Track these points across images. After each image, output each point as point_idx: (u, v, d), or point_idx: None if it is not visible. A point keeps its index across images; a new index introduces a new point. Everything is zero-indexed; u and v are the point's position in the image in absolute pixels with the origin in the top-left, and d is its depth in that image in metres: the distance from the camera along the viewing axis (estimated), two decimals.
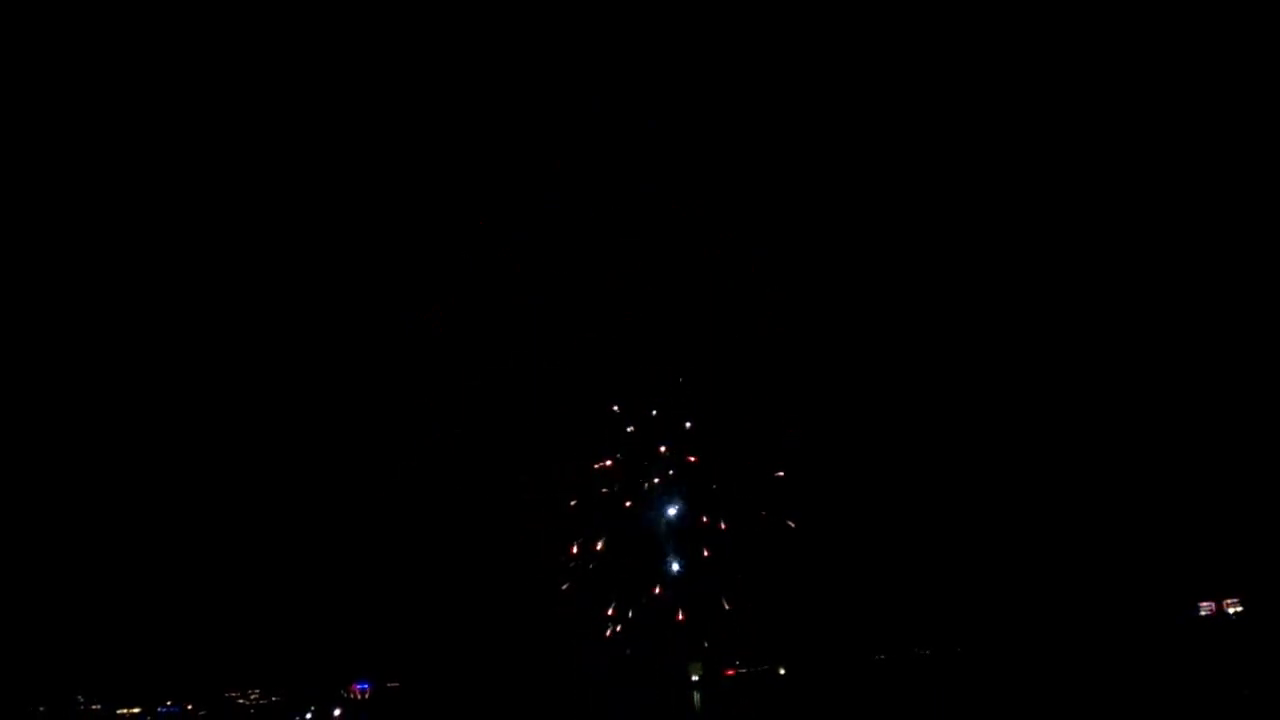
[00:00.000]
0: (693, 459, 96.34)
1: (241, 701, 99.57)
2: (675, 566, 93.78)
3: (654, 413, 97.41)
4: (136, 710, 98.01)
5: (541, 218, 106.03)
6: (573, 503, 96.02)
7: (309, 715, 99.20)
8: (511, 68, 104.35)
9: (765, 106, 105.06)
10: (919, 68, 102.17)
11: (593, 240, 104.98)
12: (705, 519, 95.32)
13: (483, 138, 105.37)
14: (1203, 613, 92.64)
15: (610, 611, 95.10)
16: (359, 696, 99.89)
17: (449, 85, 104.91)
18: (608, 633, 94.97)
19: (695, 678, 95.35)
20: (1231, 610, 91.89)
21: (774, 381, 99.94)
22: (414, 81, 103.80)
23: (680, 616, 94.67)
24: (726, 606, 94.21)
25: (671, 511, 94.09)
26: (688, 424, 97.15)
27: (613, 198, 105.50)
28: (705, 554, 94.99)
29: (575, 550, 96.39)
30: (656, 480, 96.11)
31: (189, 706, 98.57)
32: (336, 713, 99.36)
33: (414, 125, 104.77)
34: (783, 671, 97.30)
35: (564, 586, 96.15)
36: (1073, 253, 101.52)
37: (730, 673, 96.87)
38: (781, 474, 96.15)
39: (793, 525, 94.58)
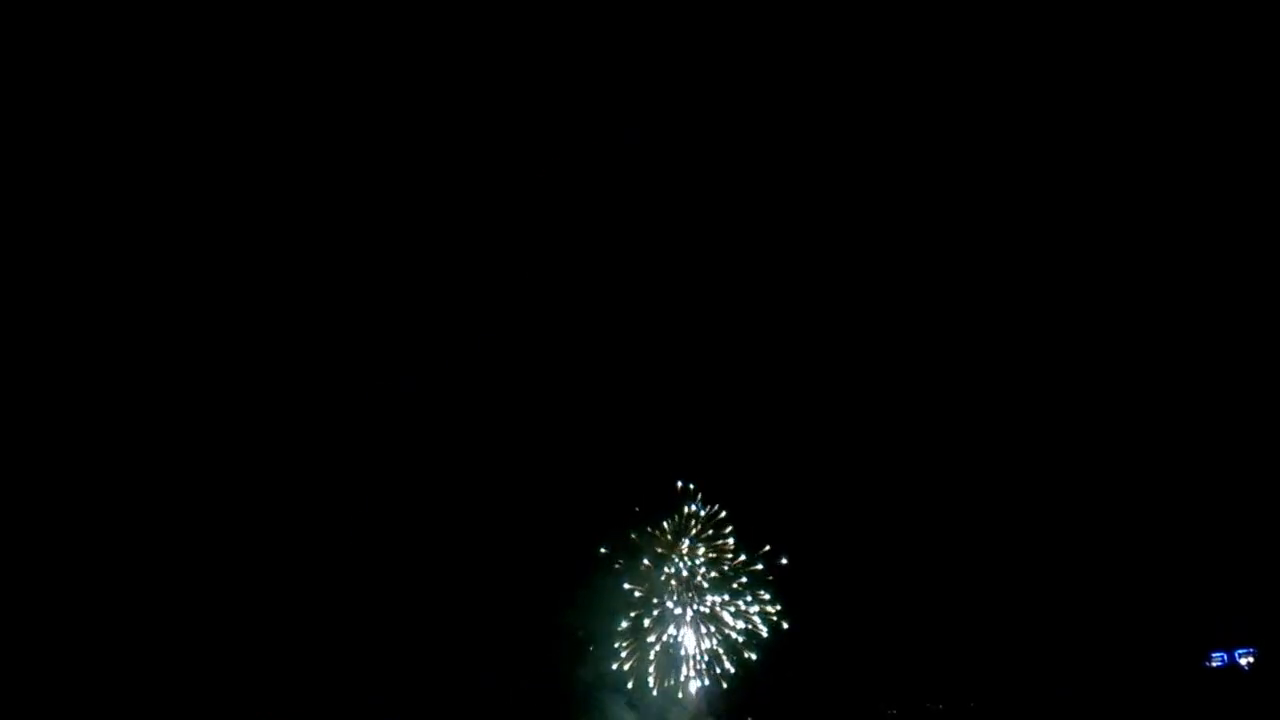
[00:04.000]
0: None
1: None
2: (691, 641, 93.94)
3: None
4: None
5: (542, 217, 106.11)
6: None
7: None
8: (512, 71, 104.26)
9: (765, 108, 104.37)
10: (918, 73, 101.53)
11: (592, 240, 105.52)
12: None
13: (482, 138, 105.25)
14: (1215, 663, 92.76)
15: (626, 665, 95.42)
16: None
17: (452, 90, 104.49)
18: (626, 685, 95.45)
19: None
20: (1244, 661, 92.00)
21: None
22: (417, 86, 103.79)
23: (694, 672, 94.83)
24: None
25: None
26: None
27: (612, 198, 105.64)
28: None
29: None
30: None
31: None
32: None
33: (414, 128, 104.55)
34: None
35: (580, 643, 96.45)
36: (1080, 266, 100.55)
37: None
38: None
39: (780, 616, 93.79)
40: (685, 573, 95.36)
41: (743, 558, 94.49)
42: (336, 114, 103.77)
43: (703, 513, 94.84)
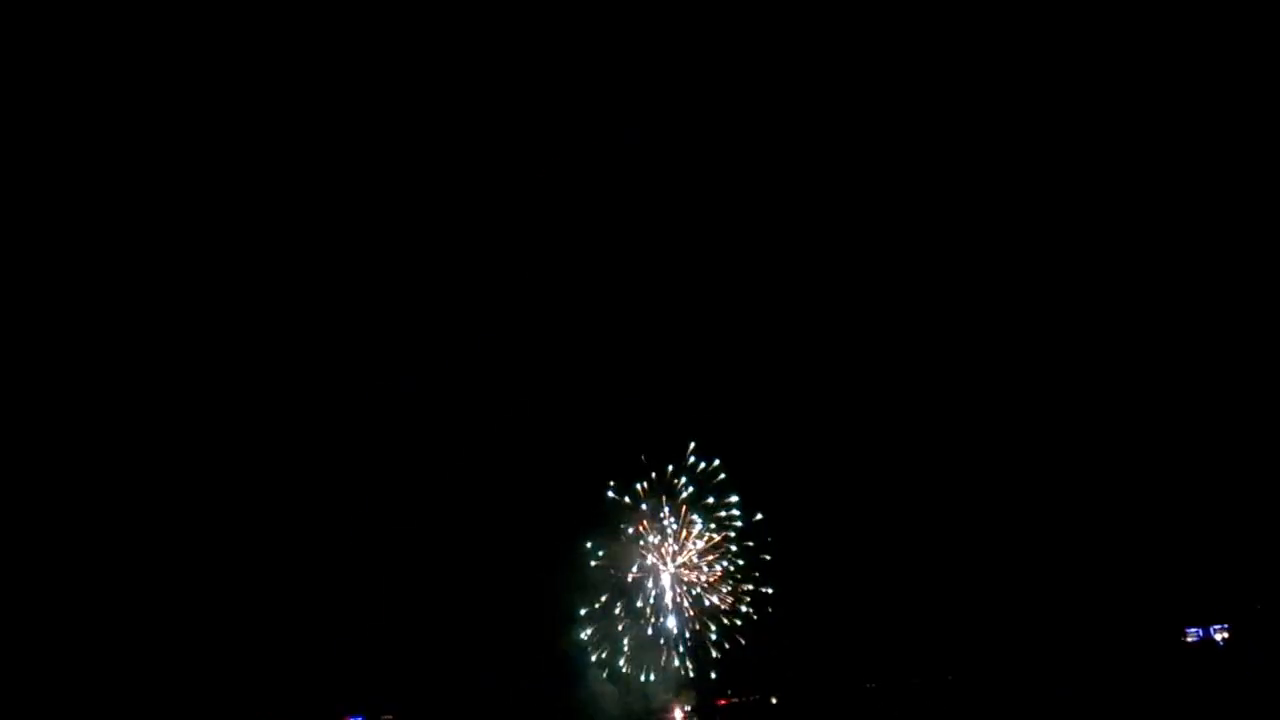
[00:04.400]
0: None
1: None
2: (668, 599, 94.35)
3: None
4: None
5: (541, 218, 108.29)
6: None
7: None
8: (513, 71, 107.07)
9: (764, 107, 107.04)
10: (917, 73, 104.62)
11: (592, 237, 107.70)
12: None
13: (483, 138, 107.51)
14: (1189, 639, 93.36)
15: (607, 641, 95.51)
16: None
17: (452, 90, 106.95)
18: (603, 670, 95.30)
19: (688, 707, 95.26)
20: (1219, 636, 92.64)
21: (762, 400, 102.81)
22: (418, 86, 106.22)
23: (677, 649, 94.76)
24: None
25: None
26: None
27: (611, 199, 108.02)
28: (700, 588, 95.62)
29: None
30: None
31: None
32: None
33: (416, 128, 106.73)
34: (775, 701, 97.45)
35: (560, 624, 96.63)
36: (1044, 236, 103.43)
37: (723, 703, 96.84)
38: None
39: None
40: (670, 557, 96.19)
41: (731, 533, 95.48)
42: (337, 115, 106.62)
43: (683, 480, 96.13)
